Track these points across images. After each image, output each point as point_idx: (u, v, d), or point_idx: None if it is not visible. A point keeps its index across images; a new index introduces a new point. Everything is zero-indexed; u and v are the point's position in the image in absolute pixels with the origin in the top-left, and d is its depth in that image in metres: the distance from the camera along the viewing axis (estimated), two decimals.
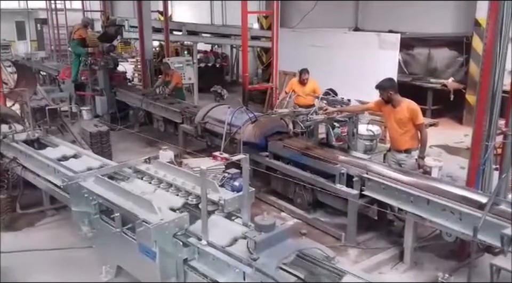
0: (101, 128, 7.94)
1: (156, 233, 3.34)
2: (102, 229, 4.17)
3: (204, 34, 15.24)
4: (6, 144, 6.03)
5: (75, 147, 6.13)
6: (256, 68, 16.01)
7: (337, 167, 5.38)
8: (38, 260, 4.93)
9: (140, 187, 4.28)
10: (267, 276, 2.93)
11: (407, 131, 5.56)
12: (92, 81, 11.05)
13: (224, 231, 3.51)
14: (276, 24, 9.25)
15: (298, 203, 6.05)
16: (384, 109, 5.77)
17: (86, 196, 4.19)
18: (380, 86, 5.65)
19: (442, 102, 11.19)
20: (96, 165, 5.02)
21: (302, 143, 6.27)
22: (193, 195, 4.04)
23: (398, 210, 5.04)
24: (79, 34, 11.97)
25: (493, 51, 4.52)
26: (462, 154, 8.36)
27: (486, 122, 4.65)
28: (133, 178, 4.58)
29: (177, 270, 3.48)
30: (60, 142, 6.20)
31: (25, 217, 5.90)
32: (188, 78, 12.37)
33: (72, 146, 6.23)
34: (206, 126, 7.39)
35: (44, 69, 15.24)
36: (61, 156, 5.51)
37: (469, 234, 4.01)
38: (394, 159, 5.71)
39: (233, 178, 4.04)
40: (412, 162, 5.57)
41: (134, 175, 4.63)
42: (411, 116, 5.48)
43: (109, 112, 10.53)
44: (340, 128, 6.26)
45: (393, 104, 5.60)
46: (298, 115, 6.74)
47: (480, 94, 4.70)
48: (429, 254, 5.04)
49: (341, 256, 4.77)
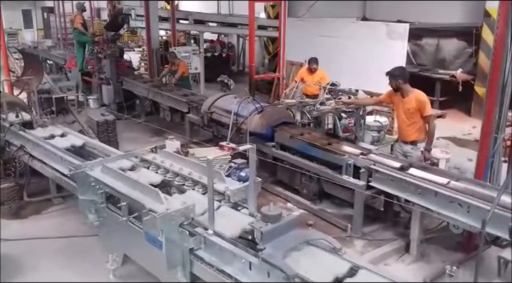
0: (107, 118, 7.95)
1: (162, 222, 3.34)
2: (108, 218, 4.18)
3: (211, 23, 15.16)
4: (13, 133, 6.05)
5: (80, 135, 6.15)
6: (263, 58, 15.92)
7: (344, 158, 5.36)
8: (45, 247, 4.98)
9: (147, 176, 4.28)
10: (273, 267, 2.92)
11: (414, 122, 5.51)
12: (98, 70, 11.04)
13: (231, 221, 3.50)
14: (283, 13, 9.19)
15: (305, 194, 6.04)
16: (394, 99, 5.73)
17: (93, 185, 4.20)
18: (390, 73, 5.61)
19: (450, 93, 11.10)
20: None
21: (308, 134, 6.24)
22: (199, 185, 4.03)
23: (404, 201, 5.02)
24: (78, 21, 11.95)
25: (504, 42, 4.45)
26: (470, 146, 8.30)
27: (495, 114, 4.60)
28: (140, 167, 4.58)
29: (183, 259, 3.48)
30: (68, 131, 6.22)
31: (32, 205, 5.94)
32: (194, 68, 12.33)
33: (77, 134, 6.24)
34: (213, 116, 7.37)
35: (51, 57, 15.25)
36: (69, 145, 5.52)
37: (476, 226, 3.98)
38: (401, 150, 5.68)
39: (239, 168, 4.03)
40: (418, 154, 5.54)
41: (140, 164, 4.63)
42: (419, 107, 5.42)
43: (116, 101, 10.53)
44: (347, 119, 6.22)
45: (402, 94, 5.56)
46: (305, 105, 6.72)
47: (490, 85, 4.64)
48: (435, 246, 5.02)
49: (347, 247, 4.77)
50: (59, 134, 5.91)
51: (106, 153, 5.16)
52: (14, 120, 6.17)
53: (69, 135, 5.89)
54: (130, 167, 4.53)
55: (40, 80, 8.84)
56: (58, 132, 5.99)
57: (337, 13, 13.20)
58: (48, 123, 6.39)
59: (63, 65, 13.59)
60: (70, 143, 5.51)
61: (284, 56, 9.28)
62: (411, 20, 11.37)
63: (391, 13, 12.48)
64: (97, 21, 19.57)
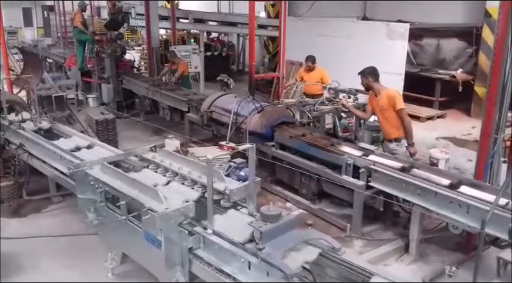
0: (107, 116, 7.94)
1: (162, 221, 3.34)
2: (107, 217, 4.18)
3: (211, 22, 15.15)
4: (12, 131, 6.04)
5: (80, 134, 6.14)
6: (263, 57, 15.91)
7: (343, 158, 5.35)
8: (44, 246, 4.97)
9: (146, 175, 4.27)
10: (272, 266, 2.92)
11: (391, 119, 5.59)
12: (99, 69, 11.03)
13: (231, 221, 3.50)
14: (284, 12, 9.18)
15: (304, 194, 6.04)
16: (371, 99, 5.82)
17: (92, 183, 4.19)
18: (361, 71, 5.74)
19: (450, 93, 11.10)
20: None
21: (308, 134, 6.24)
22: (198, 184, 4.03)
23: (402, 201, 5.01)
24: (78, 20, 11.95)
25: (505, 42, 4.45)
26: (469, 146, 8.30)
27: (495, 114, 4.60)
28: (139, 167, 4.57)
29: (182, 258, 3.48)
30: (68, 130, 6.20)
31: (32, 204, 5.93)
32: (194, 67, 12.33)
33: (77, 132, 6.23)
34: (212, 116, 7.36)
35: (50, 56, 15.24)
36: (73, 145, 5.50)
37: (476, 227, 3.98)
38: (387, 149, 5.71)
39: (239, 168, 4.02)
40: (403, 150, 5.58)
41: (140, 163, 4.62)
42: (390, 103, 5.49)
43: (115, 100, 10.52)
44: (347, 119, 6.23)
45: (375, 93, 5.68)
46: (305, 105, 6.72)
47: (490, 86, 4.64)
48: (435, 246, 5.02)
49: (346, 246, 4.77)
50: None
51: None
52: (13, 118, 6.16)
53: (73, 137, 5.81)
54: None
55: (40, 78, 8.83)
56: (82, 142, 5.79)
57: (337, 13, 13.19)
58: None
59: (63, 63, 13.59)
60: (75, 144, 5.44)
61: (284, 56, 9.27)
62: (411, 20, 11.37)
63: (391, 12, 12.49)
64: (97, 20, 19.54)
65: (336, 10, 13.29)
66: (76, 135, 5.84)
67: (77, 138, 5.70)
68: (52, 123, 6.26)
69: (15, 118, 6.18)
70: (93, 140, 5.76)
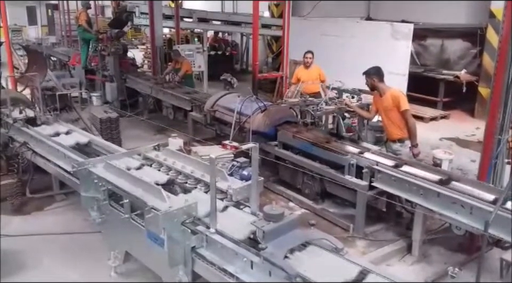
0: (110, 115, 7.95)
1: (165, 220, 3.33)
2: (110, 215, 4.19)
3: (214, 21, 15.16)
4: (16, 129, 6.06)
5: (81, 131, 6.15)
6: (266, 57, 15.92)
7: (346, 158, 5.34)
8: (46, 244, 4.98)
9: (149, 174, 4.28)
10: (275, 266, 2.92)
11: (395, 120, 5.58)
12: (102, 67, 11.05)
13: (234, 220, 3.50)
14: (288, 12, 9.17)
15: (307, 193, 6.03)
16: (375, 100, 5.80)
17: (96, 182, 4.20)
18: (366, 71, 5.72)
19: (454, 94, 11.07)
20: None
21: (311, 133, 6.23)
22: (202, 183, 4.03)
23: (405, 201, 5.01)
24: (82, 18, 11.98)
25: (509, 43, 4.43)
26: (473, 147, 8.27)
27: (499, 115, 4.58)
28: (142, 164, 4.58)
29: (185, 257, 3.48)
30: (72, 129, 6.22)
31: (35, 201, 5.95)
32: (197, 66, 12.34)
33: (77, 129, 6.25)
34: (216, 115, 7.37)
35: (55, 54, 15.30)
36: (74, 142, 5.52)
37: (479, 228, 3.97)
38: (391, 149, 5.70)
39: (242, 167, 4.03)
40: (406, 151, 5.58)
41: (143, 162, 4.63)
42: (395, 104, 5.49)
43: (119, 99, 10.54)
44: (351, 119, 6.22)
45: (380, 94, 5.67)
46: (309, 104, 6.71)
47: (494, 87, 4.62)
48: (437, 247, 5.01)
49: (349, 247, 4.76)
50: (64, 132, 5.91)
51: (108, 151, 5.16)
52: (17, 116, 6.18)
53: (73, 133, 5.89)
54: (137, 166, 4.52)
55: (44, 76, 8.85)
56: (63, 129, 6.00)
57: (341, 13, 13.18)
58: (52, 120, 6.38)
59: (67, 62, 13.63)
60: (75, 141, 5.51)
61: (288, 55, 9.26)
62: (415, 20, 11.33)
63: (395, 13, 12.45)
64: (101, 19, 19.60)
65: (340, 10, 13.28)
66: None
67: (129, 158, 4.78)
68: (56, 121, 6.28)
69: (19, 116, 6.19)
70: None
